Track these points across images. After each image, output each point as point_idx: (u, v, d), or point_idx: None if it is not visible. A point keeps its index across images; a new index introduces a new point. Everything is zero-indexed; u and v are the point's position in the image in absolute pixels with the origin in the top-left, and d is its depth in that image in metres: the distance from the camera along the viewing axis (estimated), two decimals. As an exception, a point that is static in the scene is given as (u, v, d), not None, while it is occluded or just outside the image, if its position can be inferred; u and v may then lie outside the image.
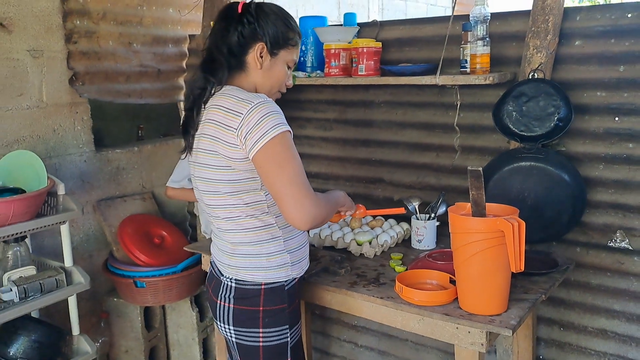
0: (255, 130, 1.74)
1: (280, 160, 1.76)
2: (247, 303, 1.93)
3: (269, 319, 1.93)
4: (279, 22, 1.91)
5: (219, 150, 1.82)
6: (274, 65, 1.93)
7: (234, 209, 1.89)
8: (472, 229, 1.82)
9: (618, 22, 2.26)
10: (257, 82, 1.94)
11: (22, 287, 2.56)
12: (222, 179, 1.85)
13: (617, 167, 2.35)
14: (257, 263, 1.93)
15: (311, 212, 1.75)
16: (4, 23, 2.78)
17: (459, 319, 1.89)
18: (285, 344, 1.97)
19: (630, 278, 2.40)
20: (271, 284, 1.93)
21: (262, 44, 1.88)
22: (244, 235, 1.92)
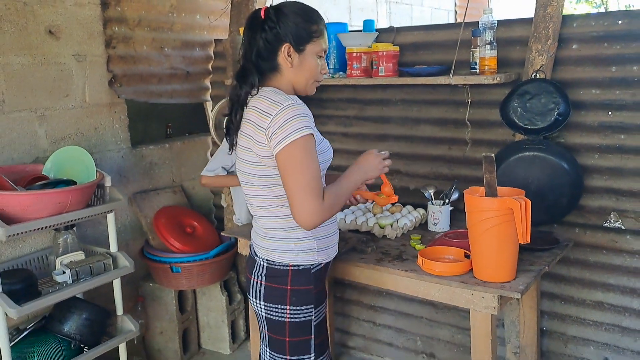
0: (280, 131, 1.88)
1: (297, 164, 1.89)
2: (277, 281, 2.08)
3: (295, 298, 2.07)
4: (299, 19, 2.00)
5: (252, 148, 1.98)
6: (304, 60, 2.03)
7: (266, 199, 2.05)
8: (486, 207, 2.10)
9: (610, 28, 2.54)
10: (292, 79, 2.05)
11: (74, 270, 2.80)
12: (254, 173, 2.02)
13: (610, 156, 2.63)
14: (285, 246, 2.08)
15: (313, 217, 1.90)
16: (53, 30, 3.04)
17: (474, 286, 2.17)
18: (309, 321, 2.11)
19: (623, 255, 2.68)
20: (298, 266, 2.07)
21: (287, 45, 1.99)
22: (275, 222, 2.07)
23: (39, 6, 2.95)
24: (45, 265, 3.00)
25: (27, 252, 2.98)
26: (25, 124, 2.96)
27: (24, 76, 2.92)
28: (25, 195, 2.52)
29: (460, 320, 3.19)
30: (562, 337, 2.92)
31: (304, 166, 1.90)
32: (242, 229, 3.04)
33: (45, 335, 2.83)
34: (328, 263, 2.20)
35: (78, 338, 2.86)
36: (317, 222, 1.93)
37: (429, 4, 7.19)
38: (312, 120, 1.98)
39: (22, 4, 2.88)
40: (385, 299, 3.46)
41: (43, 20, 2.98)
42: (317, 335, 2.15)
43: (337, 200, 2.00)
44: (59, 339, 2.83)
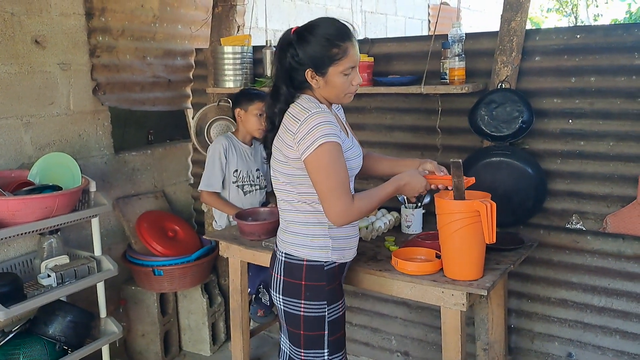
0: (308, 137, 2.02)
1: (325, 168, 2.03)
2: (293, 276, 2.21)
3: (310, 293, 2.20)
4: (318, 45, 2.06)
5: (281, 148, 2.14)
6: (329, 81, 2.10)
7: (289, 193, 2.20)
8: (454, 210, 2.23)
9: (569, 41, 2.70)
10: (323, 94, 2.16)
11: (59, 274, 2.88)
12: (281, 170, 2.18)
13: (571, 161, 2.78)
14: (302, 241, 2.21)
15: (341, 217, 2.07)
16: (39, 40, 3.13)
17: (444, 284, 2.30)
18: (322, 317, 2.21)
19: (584, 254, 2.83)
20: (312, 261, 2.20)
21: (309, 70, 2.09)
22: (295, 216, 2.22)
23: (25, 16, 3.04)
24: (30, 268, 3.07)
25: (12, 256, 3.06)
26: (11, 131, 3.04)
27: (10, 84, 3.01)
28: (14, 200, 2.60)
29: (433, 319, 3.32)
30: (528, 334, 3.06)
31: (331, 170, 2.05)
32: (223, 232, 3.14)
33: (30, 337, 2.89)
34: (344, 264, 2.31)
35: (63, 340, 2.93)
36: (345, 221, 2.12)
37: (403, 14, 7.35)
38: (338, 128, 2.10)
39: (9, 15, 2.97)
40: (361, 300, 3.58)
41: (29, 30, 3.07)
42: (331, 332, 2.25)
43: (367, 204, 2.14)
44: (44, 341, 2.89)
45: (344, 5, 6.20)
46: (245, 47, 3.51)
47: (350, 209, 2.08)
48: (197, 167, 4.07)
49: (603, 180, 2.71)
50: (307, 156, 2.04)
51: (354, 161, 2.24)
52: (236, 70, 3.49)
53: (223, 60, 3.46)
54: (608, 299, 2.79)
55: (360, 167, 2.31)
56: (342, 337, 2.32)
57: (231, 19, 3.75)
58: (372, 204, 2.18)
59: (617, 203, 2.68)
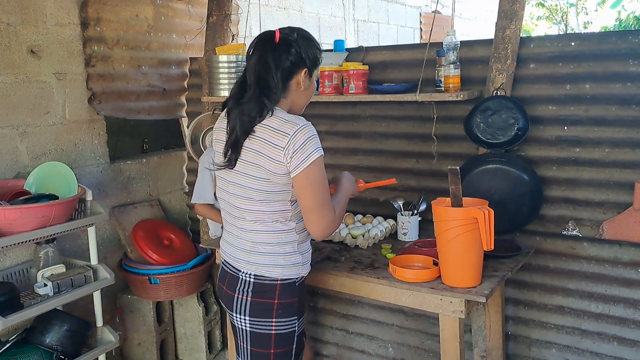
0: (300, 151, 1.98)
1: (315, 184, 2.04)
2: (264, 296, 2.15)
3: (282, 311, 2.16)
4: (314, 46, 2.15)
5: (263, 164, 2.03)
6: (311, 84, 2.19)
7: (262, 214, 2.12)
8: (452, 217, 2.25)
9: (564, 49, 2.72)
10: (294, 101, 2.16)
11: (56, 283, 2.88)
12: (259, 188, 2.08)
13: (567, 168, 2.79)
14: (275, 261, 2.15)
15: (330, 228, 2.11)
16: (35, 50, 3.13)
17: (442, 292, 2.31)
18: (293, 332, 2.20)
19: (581, 261, 2.84)
20: (286, 280, 2.16)
21: (306, 69, 2.11)
22: (267, 236, 2.15)
23: (21, 26, 3.04)
24: (26, 278, 3.06)
25: (9, 266, 3.05)
26: (7, 140, 3.04)
27: (6, 94, 3.01)
28: (11, 209, 2.60)
29: (429, 326, 3.32)
30: (526, 341, 3.06)
31: (322, 183, 2.07)
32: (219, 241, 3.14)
33: (27, 346, 2.89)
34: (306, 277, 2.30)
35: (59, 349, 2.93)
36: (330, 233, 2.15)
37: (395, 22, 7.39)
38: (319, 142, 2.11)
39: (5, 25, 2.97)
40: (357, 308, 3.58)
41: (25, 40, 3.07)
42: (297, 344, 2.24)
43: (342, 212, 2.23)
44: (41, 350, 2.89)
45: (337, 14, 6.22)
46: (239, 56, 3.51)
47: (335, 220, 2.13)
48: (192, 176, 4.07)
49: (599, 186, 2.72)
50: (300, 171, 2.01)
51: None
52: (231, 79, 3.49)
53: (218, 69, 3.46)
54: (605, 305, 2.80)
55: None
56: (302, 347, 2.30)
57: (225, 28, 3.76)
58: (343, 214, 2.27)
59: (613, 209, 2.70)
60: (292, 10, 5.54)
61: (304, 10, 5.72)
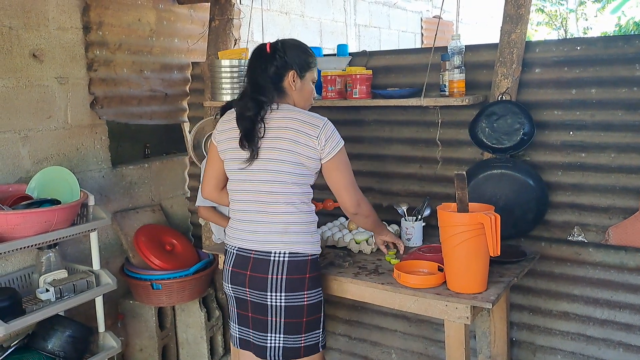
0: (331, 140, 2.33)
1: (346, 165, 2.42)
2: (297, 272, 2.38)
3: (311, 283, 2.40)
4: (300, 52, 2.44)
5: (297, 150, 2.31)
6: (304, 85, 2.45)
7: (293, 195, 2.37)
8: (458, 222, 2.23)
9: (569, 53, 2.71)
10: (295, 101, 2.44)
11: (58, 288, 2.87)
12: (293, 172, 2.34)
13: (572, 173, 2.78)
14: (306, 238, 2.42)
15: (361, 205, 2.47)
16: (36, 54, 3.12)
17: (448, 298, 2.29)
18: (320, 301, 2.45)
19: (586, 267, 2.83)
20: (314, 255, 2.43)
21: (293, 71, 2.39)
22: (297, 217, 2.39)
23: (23, 30, 3.03)
24: (28, 283, 3.05)
25: (11, 271, 3.04)
26: (9, 145, 3.03)
27: (8, 98, 2.99)
28: (14, 214, 2.58)
29: (433, 332, 3.30)
30: (530, 347, 3.04)
31: (348, 168, 2.44)
32: (221, 245, 3.12)
33: (29, 352, 2.88)
34: None
35: (62, 355, 2.91)
36: (359, 210, 2.48)
37: (396, 27, 7.39)
38: None
39: (7, 29, 2.96)
40: (360, 313, 3.56)
41: (27, 44, 3.06)
42: (324, 312, 2.50)
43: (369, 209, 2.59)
44: (43, 356, 2.88)
45: (338, 19, 6.22)
46: (242, 60, 3.50)
47: (364, 199, 2.52)
48: (194, 181, 4.06)
49: (605, 192, 2.71)
50: (333, 155, 2.35)
51: None
52: (233, 84, 3.47)
53: (220, 73, 3.45)
54: (611, 311, 2.78)
55: None
56: (324, 315, 2.53)
57: (228, 32, 3.75)
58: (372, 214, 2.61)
59: (619, 215, 2.68)
60: (293, 15, 5.54)
61: (305, 15, 5.72)
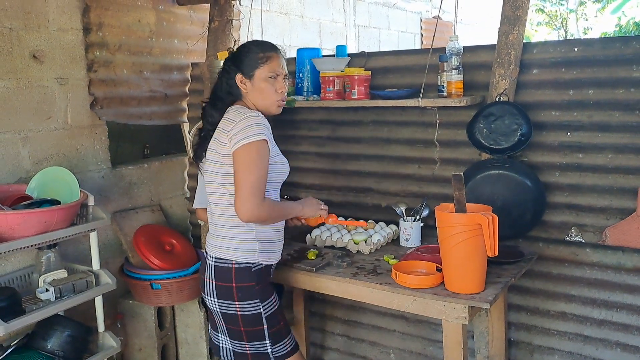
0: (240, 133, 2.24)
1: (248, 163, 2.24)
2: (223, 279, 2.37)
3: (241, 294, 2.36)
4: (246, 51, 2.43)
5: (216, 148, 2.34)
6: (255, 84, 2.41)
7: (222, 196, 2.37)
8: (456, 222, 2.24)
9: (567, 55, 2.72)
10: (253, 102, 2.44)
11: (58, 288, 2.87)
12: (215, 170, 2.36)
13: (570, 174, 2.79)
14: (230, 244, 2.38)
15: (251, 212, 2.24)
16: (37, 55, 3.13)
17: (445, 298, 2.30)
18: (259, 314, 2.38)
19: (584, 267, 2.83)
20: (240, 263, 2.36)
21: (239, 75, 2.41)
22: (224, 219, 2.39)
23: (24, 31, 3.04)
24: (27, 283, 3.05)
25: (10, 270, 3.04)
26: (9, 146, 3.03)
27: (8, 99, 3.00)
28: (13, 214, 2.59)
29: (431, 332, 3.31)
30: (528, 347, 3.05)
31: (254, 166, 2.25)
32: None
33: (28, 352, 2.88)
34: (270, 266, 2.48)
35: (61, 355, 2.92)
36: (253, 217, 2.27)
37: (396, 28, 7.40)
38: (269, 132, 2.34)
39: (7, 30, 2.97)
40: (358, 313, 3.58)
41: (28, 45, 3.07)
42: (270, 325, 2.42)
43: (275, 209, 2.38)
44: (43, 355, 2.88)
45: (338, 20, 6.23)
46: (242, 61, 3.52)
47: (259, 209, 2.26)
48: (193, 181, 4.07)
49: (602, 192, 2.72)
50: (236, 149, 2.24)
51: (283, 166, 2.48)
52: (233, 84, 3.49)
53: (220, 74, 3.46)
54: (608, 311, 2.79)
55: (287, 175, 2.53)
56: (282, 327, 2.48)
57: (227, 33, 3.76)
58: (280, 213, 2.45)
59: (616, 215, 2.69)
60: (293, 15, 5.55)
61: (305, 15, 5.73)
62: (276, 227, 2.48)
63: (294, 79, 3.39)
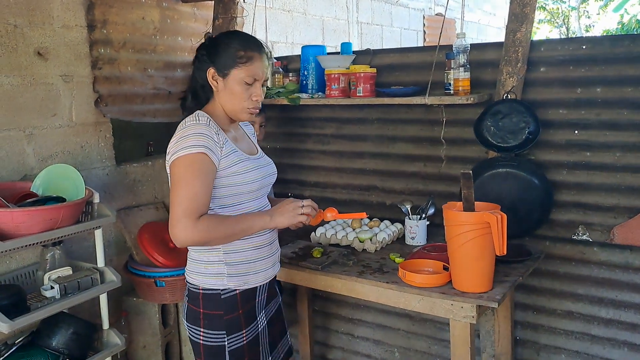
0: (174, 146, 1.97)
1: (177, 180, 1.95)
2: (193, 303, 2.12)
3: (207, 321, 2.09)
4: (225, 44, 2.06)
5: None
6: (228, 85, 2.06)
7: None
8: (464, 221, 2.23)
9: (575, 52, 2.71)
10: (222, 103, 2.10)
11: (62, 285, 2.85)
12: None
13: (577, 172, 2.79)
14: (197, 268, 2.11)
15: (180, 234, 1.93)
16: (41, 52, 3.11)
17: (453, 297, 2.29)
18: (222, 347, 2.09)
19: (591, 266, 2.83)
20: (208, 289, 2.09)
21: (211, 69, 2.06)
22: None
23: (28, 29, 3.03)
24: (32, 280, 3.04)
25: (15, 268, 3.03)
26: (14, 143, 3.02)
27: (13, 96, 2.99)
28: (19, 212, 2.58)
29: (437, 331, 3.31)
30: (534, 346, 3.05)
31: (183, 183, 1.93)
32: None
33: (33, 349, 2.86)
34: (252, 290, 2.16)
35: (66, 352, 2.90)
36: (184, 240, 1.95)
37: (399, 25, 7.39)
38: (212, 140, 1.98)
39: (12, 27, 2.95)
40: (363, 312, 3.57)
41: (32, 42, 3.05)
42: None
43: (219, 228, 1.98)
44: (47, 353, 2.86)
45: (340, 17, 6.22)
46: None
47: (192, 231, 1.92)
48: (198, 179, 4.05)
49: (610, 191, 2.71)
50: (170, 163, 2.00)
51: (246, 175, 2.09)
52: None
53: (224, 71, 3.45)
54: (616, 311, 2.78)
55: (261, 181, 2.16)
56: None
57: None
58: (229, 232, 2.02)
59: (624, 214, 2.69)
60: (296, 12, 5.54)
61: (307, 12, 5.72)
62: (253, 243, 2.12)
63: (299, 77, 3.38)
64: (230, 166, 2.04)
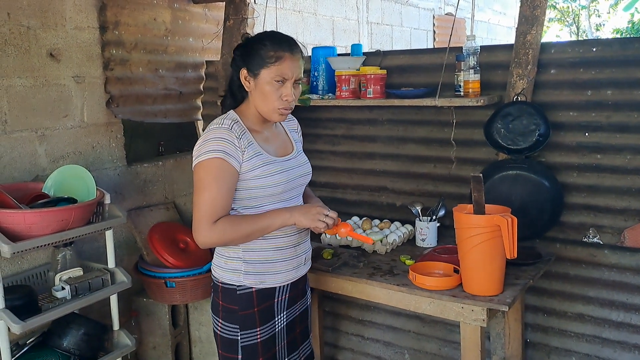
0: (196, 150, 2.06)
1: (199, 184, 2.03)
2: (215, 294, 2.24)
3: (225, 314, 2.18)
4: (257, 46, 2.09)
5: None
6: (259, 85, 2.09)
7: None
8: (475, 224, 2.23)
9: (585, 55, 2.70)
10: (255, 103, 2.14)
11: (74, 286, 2.87)
12: None
13: (588, 175, 2.77)
14: (218, 261, 2.22)
15: (199, 237, 2.03)
16: (54, 53, 3.14)
17: (464, 300, 2.29)
18: (235, 341, 2.16)
19: (602, 269, 2.81)
20: (225, 284, 2.17)
21: (244, 70, 2.12)
22: None
23: (41, 30, 3.05)
24: (43, 281, 3.06)
25: (26, 268, 3.05)
26: (26, 144, 3.04)
27: (25, 97, 3.01)
28: (31, 213, 2.59)
29: (447, 333, 3.30)
30: (545, 348, 3.04)
31: (203, 187, 2.02)
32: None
33: (44, 350, 2.89)
34: (270, 290, 2.19)
35: (77, 353, 2.92)
36: (204, 242, 2.04)
37: (409, 25, 7.38)
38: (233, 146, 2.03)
39: (25, 28, 2.98)
40: (373, 313, 3.57)
41: (45, 44, 3.08)
42: (245, 357, 2.17)
43: (233, 228, 2.04)
44: (58, 353, 2.89)
45: (351, 17, 6.22)
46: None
47: (209, 234, 2.02)
48: (208, 179, 4.06)
49: (620, 193, 2.70)
50: (193, 167, 2.07)
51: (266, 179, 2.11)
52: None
53: (234, 72, 3.46)
54: (626, 314, 2.77)
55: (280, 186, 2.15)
56: None
57: (242, 31, 3.76)
58: (246, 232, 2.06)
59: (634, 217, 2.67)
60: (306, 13, 5.55)
61: (318, 13, 5.72)
62: (275, 244, 2.16)
63: (309, 78, 3.38)
64: (252, 170, 2.08)
